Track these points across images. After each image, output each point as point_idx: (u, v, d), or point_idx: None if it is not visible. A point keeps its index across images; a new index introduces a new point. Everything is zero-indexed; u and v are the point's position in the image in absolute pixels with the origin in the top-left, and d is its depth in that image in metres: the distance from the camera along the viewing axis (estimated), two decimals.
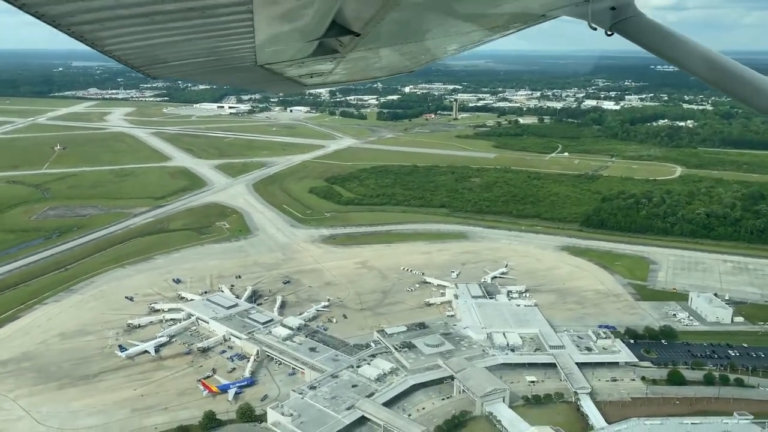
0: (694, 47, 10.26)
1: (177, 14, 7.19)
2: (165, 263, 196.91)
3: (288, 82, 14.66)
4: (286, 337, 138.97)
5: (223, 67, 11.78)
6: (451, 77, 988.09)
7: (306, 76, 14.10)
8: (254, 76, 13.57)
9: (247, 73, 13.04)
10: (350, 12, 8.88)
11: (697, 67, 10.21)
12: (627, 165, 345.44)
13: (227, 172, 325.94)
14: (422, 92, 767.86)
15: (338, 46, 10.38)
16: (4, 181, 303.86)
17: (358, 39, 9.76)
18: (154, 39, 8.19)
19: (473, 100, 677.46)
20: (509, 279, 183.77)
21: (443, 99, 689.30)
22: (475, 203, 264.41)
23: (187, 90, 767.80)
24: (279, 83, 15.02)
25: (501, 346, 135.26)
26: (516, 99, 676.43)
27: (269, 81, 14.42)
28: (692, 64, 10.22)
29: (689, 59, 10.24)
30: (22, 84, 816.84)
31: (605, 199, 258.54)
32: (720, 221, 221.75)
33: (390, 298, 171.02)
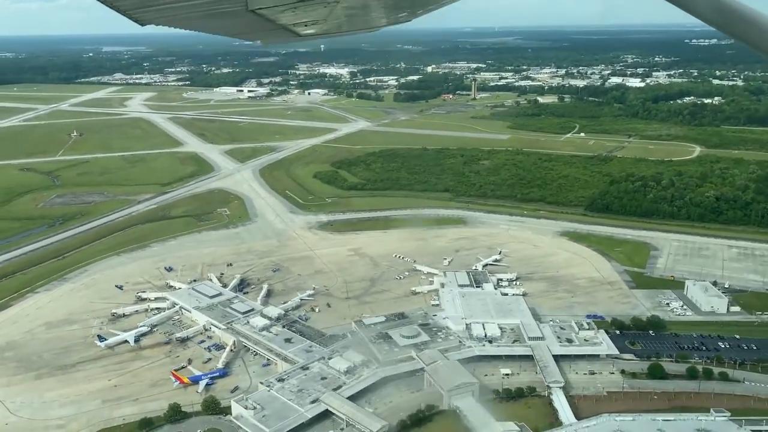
0: None
1: None
2: (160, 251, 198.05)
3: (281, 31, 14.29)
4: (262, 327, 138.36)
5: (214, 11, 11.50)
6: (477, 55, 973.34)
7: (300, 25, 13.78)
8: (246, 23, 13.21)
9: (239, 20, 12.68)
10: None
11: (705, 11, 9.54)
12: (644, 145, 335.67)
13: (236, 158, 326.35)
14: (444, 71, 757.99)
15: None
16: (18, 168, 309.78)
17: None
18: None
19: (495, 79, 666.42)
20: (502, 266, 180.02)
21: (464, 78, 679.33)
22: (480, 187, 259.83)
23: (210, 74, 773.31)
24: (272, 32, 14.65)
25: (479, 337, 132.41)
26: (539, 77, 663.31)
27: (262, 29, 14.05)
28: (698, 8, 9.61)
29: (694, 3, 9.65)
30: (51, 70, 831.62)
31: (613, 182, 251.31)
32: (729, 205, 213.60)
33: (378, 286, 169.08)
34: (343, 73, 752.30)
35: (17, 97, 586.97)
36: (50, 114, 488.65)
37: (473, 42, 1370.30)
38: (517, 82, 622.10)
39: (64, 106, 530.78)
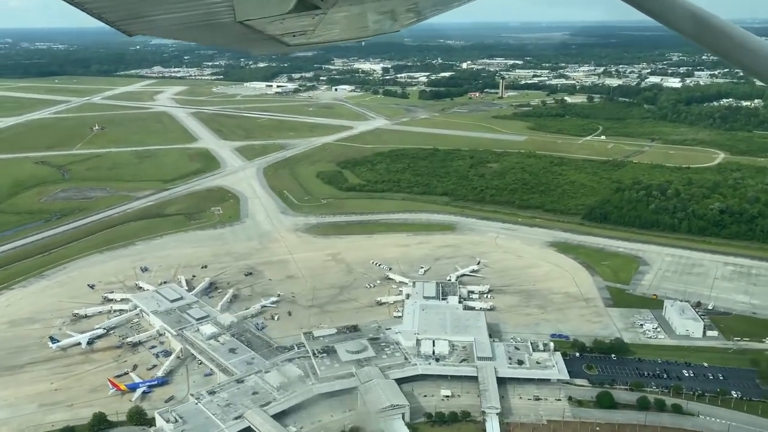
0: (678, 3, 9.82)
1: None
2: (143, 250, 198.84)
3: (270, 41, 14.51)
4: (210, 335, 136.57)
5: (202, 23, 11.80)
6: (517, 51, 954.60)
7: (288, 35, 13.98)
8: (235, 34, 13.38)
9: (227, 31, 12.95)
10: None
11: (681, 23, 9.85)
12: (665, 150, 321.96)
13: (245, 155, 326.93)
14: (479, 68, 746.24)
15: (319, 1, 10.08)
16: (33, 161, 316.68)
17: None
18: None
19: (528, 76, 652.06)
20: (478, 277, 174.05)
21: (497, 76, 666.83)
22: (480, 191, 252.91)
23: (246, 68, 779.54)
24: (260, 42, 14.82)
25: (426, 354, 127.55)
26: (574, 76, 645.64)
27: (250, 39, 14.19)
28: (677, 20, 9.85)
29: (674, 16, 9.85)
30: (95, 63, 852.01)
31: (619, 189, 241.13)
32: (734, 218, 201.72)
33: (345, 294, 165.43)
34: (376, 68, 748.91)
35: (55, 89, 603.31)
36: (81, 107, 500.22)
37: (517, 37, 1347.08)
38: (549, 81, 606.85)
39: (96, 98, 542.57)
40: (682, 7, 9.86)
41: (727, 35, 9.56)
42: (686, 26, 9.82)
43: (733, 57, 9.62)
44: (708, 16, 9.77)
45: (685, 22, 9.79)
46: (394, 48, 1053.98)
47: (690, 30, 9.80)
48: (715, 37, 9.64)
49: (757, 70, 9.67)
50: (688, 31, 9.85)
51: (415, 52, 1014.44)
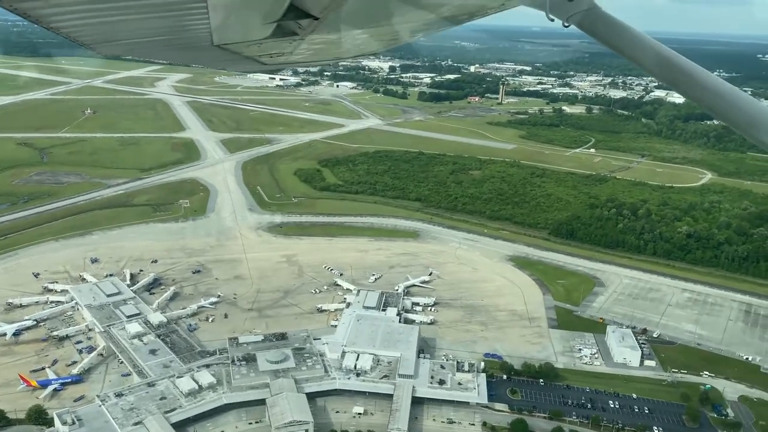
0: (647, 43, 10.33)
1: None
2: (99, 240, 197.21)
3: (247, 61, 14.69)
4: (134, 335, 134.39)
5: (178, 46, 11.84)
6: (528, 57, 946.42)
7: (265, 56, 14.05)
8: (211, 56, 13.56)
9: (203, 53, 13.15)
10: None
11: (649, 63, 10.30)
12: (652, 167, 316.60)
13: (229, 147, 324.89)
14: (486, 72, 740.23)
15: (297, 28, 10.22)
16: (16, 142, 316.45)
17: (317, 22, 9.58)
18: (103, 18, 7.88)
19: (533, 83, 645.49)
20: (427, 288, 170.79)
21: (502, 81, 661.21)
22: (454, 199, 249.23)
23: None
24: (237, 62, 14.98)
25: (348, 368, 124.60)
26: (579, 85, 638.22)
27: (227, 59, 14.30)
28: (645, 59, 10.34)
29: (642, 55, 10.37)
30: None
31: (592, 205, 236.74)
32: (700, 243, 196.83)
33: (289, 299, 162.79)
34: (383, 66, 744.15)
35: (59, 69, 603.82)
36: (79, 89, 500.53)
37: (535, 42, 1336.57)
38: (553, 89, 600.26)
39: (97, 82, 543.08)
40: (650, 47, 10.25)
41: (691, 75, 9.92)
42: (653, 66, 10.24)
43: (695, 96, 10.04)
44: (673, 57, 10.09)
45: (652, 62, 10.21)
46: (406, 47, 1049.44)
47: (656, 69, 10.25)
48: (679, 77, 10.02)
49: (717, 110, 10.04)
50: (653, 69, 10.33)
51: (427, 51, 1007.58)
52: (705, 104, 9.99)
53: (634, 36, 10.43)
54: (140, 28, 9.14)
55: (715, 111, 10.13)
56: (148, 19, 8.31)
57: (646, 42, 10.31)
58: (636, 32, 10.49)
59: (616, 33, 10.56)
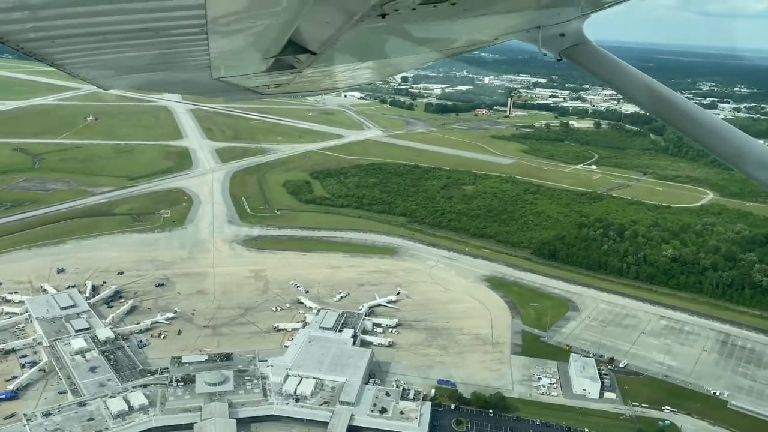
0: (637, 77, 10.59)
1: (131, 34, 7.13)
2: (70, 249, 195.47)
3: (244, 92, 15.18)
4: (78, 350, 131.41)
5: (178, 79, 12.51)
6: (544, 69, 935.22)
7: (263, 87, 14.29)
8: (210, 87, 13.85)
9: (203, 85, 13.83)
10: (307, 32, 8.82)
11: (639, 96, 10.61)
12: (653, 186, 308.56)
13: (222, 156, 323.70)
14: (500, 83, 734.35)
15: (295, 62, 10.34)
16: (11, 147, 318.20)
17: (314, 57, 9.71)
18: (107, 56, 8.23)
19: (546, 96, 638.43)
20: (393, 309, 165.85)
21: (514, 93, 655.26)
22: (440, 215, 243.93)
23: None
24: (235, 93, 15.55)
25: (288, 393, 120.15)
26: (592, 99, 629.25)
27: (225, 90, 14.74)
28: (635, 93, 10.65)
29: (632, 88, 10.65)
30: None
31: (581, 225, 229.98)
32: (685, 268, 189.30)
33: (248, 316, 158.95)
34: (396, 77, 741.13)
35: None
36: (88, 95, 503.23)
37: None
38: (564, 102, 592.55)
39: None
40: (640, 80, 10.48)
41: (680, 109, 10.16)
42: (643, 99, 10.50)
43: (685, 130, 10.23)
44: (663, 90, 10.34)
45: (642, 95, 10.46)
46: None
47: (647, 102, 10.48)
48: (668, 110, 10.26)
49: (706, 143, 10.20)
50: (643, 102, 10.59)
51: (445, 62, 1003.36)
52: (694, 137, 10.22)
53: (624, 70, 10.68)
54: (143, 66, 9.48)
55: (704, 144, 10.25)
56: (149, 55, 8.48)
57: (636, 76, 10.56)
58: (626, 66, 10.75)
59: (607, 67, 10.85)
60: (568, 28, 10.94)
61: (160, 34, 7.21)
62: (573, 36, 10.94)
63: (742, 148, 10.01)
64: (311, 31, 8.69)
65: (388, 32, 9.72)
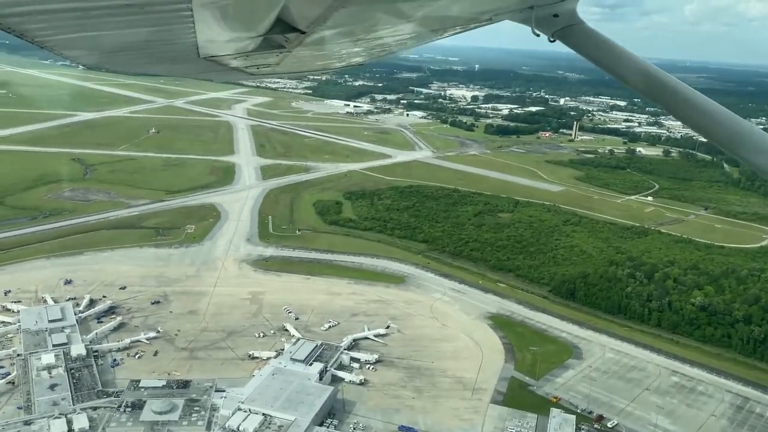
0: (632, 59, 10.54)
1: (113, 10, 7.01)
2: (86, 261, 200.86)
3: (233, 72, 14.93)
4: (45, 366, 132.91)
5: (164, 59, 12.19)
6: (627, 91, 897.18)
7: (252, 67, 14.31)
8: (197, 67, 13.75)
9: (189, 64, 13.37)
10: (296, 10, 8.73)
11: (633, 78, 10.52)
12: (711, 222, 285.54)
13: (265, 173, 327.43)
14: (574, 105, 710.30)
15: (284, 41, 10.29)
16: (71, 157, 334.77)
17: (303, 36, 9.69)
18: (88, 33, 8.12)
19: (620, 119, 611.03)
20: (379, 343, 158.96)
21: (587, 115, 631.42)
22: (464, 243, 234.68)
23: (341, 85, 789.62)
24: (224, 73, 15.27)
25: (231, 428, 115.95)
26: (670, 124, 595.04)
27: (213, 71, 14.54)
28: (629, 75, 10.57)
29: (626, 71, 10.57)
30: None
31: (613, 263, 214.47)
32: (713, 318, 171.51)
33: (229, 341, 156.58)
34: (466, 95, 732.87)
35: (153, 88, 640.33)
36: (159, 108, 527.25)
37: None
38: (639, 127, 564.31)
39: (179, 102, 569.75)
40: (634, 63, 10.45)
41: (675, 92, 10.07)
42: (638, 82, 10.43)
43: (680, 114, 10.30)
44: (658, 73, 10.26)
45: (637, 78, 10.41)
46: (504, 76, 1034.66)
47: (641, 85, 10.42)
48: (663, 93, 10.19)
49: (701, 127, 10.13)
50: (639, 86, 10.48)
51: (523, 82, 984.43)
52: (689, 121, 10.25)
53: (619, 52, 10.61)
54: (126, 43, 9.28)
55: (699, 128, 10.19)
56: (133, 32, 8.34)
57: (631, 58, 10.49)
58: (621, 49, 10.69)
59: (601, 49, 10.78)
60: (562, 8, 10.96)
61: (144, 10, 7.07)
62: (566, 17, 10.98)
63: (737, 133, 9.94)
64: (300, 9, 8.67)
65: (379, 11, 9.66)
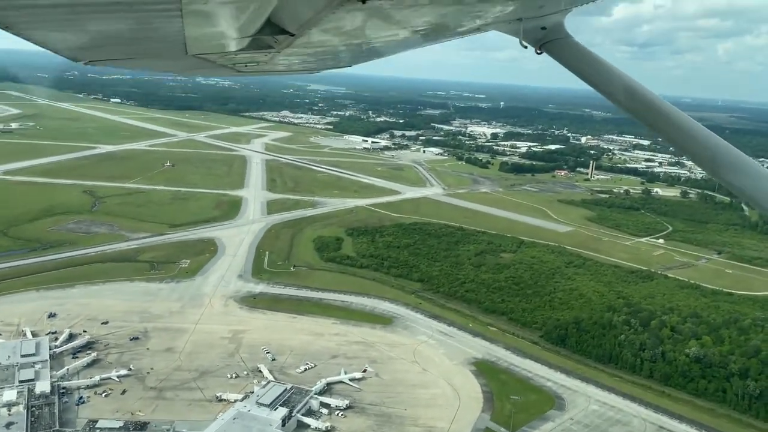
0: (616, 75, 10.64)
1: (101, 6, 7.11)
2: (75, 294, 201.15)
3: (221, 69, 15.15)
4: (5, 403, 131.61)
5: (151, 55, 12.30)
6: None
7: (240, 65, 14.51)
8: (185, 64, 14.14)
9: (177, 61, 13.63)
10: (286, 13, 8.78)
11: (617, 94, 10.60)
12: (722, 267, 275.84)
13: (271, 208, 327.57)
14: (595, 143, 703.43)
15: (273, 42, 10.42)
16: (82, 189, 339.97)
17: (293, 38, 9.70)
18: (75, 27, 8.15)
19: (640, 159, 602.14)
20: (354, 388, 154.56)
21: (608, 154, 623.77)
22: (460, 284, 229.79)
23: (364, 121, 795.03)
24: (211, 69, 15.45)
25: None
26: (692, 165, 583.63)
27: (201, 67, 14.85)
28: (613, 91, 10.64)
29: (611, 86, 10.66)
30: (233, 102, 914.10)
31: (611, 308, 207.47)
32: (707, 371, 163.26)
33: (200, 381, 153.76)
34: (486, 132, 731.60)
35: (176, 122, 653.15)
36: (179, 142, 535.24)
37: None
38: (659, 167, 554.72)
39: (200, 136, 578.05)
40: (619, 79, 10.51)
41: (659, 111, 10.14)
42: (622, 98, 10.49)
43: (660, 130, 10.28)
44: (643, 91, 10.33)
45: (621, 94, 10.46)
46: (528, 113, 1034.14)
47: (625, 102, 10.48)
48: (647, 111, 10.25)
49: (680, 144, 10.29)
50: (620, 101, 10.56)
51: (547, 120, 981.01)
52: (669, 138, 10.25)
53: (604, 67, 10.71)
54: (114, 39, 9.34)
55: (678, 145, 10.32)
56: (120, 28, 8.36)
57: (616, 74, 10.55)
58: (607, 64, 10.80)
59: (587, 63, 10.91)
60: (550, 21, 11.10)
61: (133, 8, 7.12)
62: (554, 30, 11.13)
63: (716, 152, 10.04)
64: (290, 12, 8.65)
65: (369, 16, 9.68)
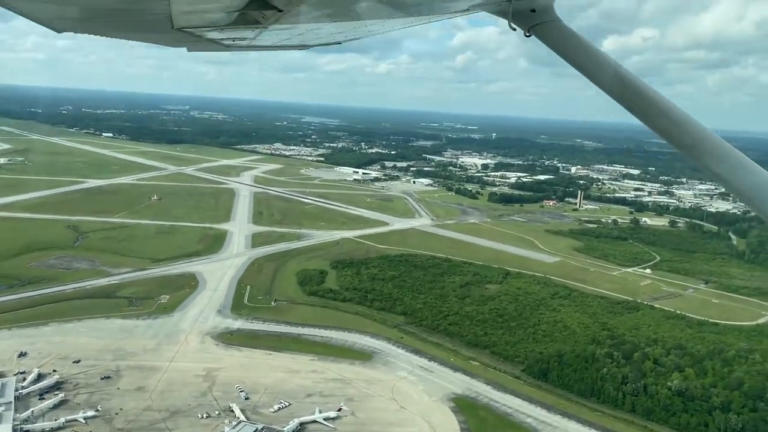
0: (605, 60, 10.57)
1: None
2: (47, 332, 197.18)
3: (207, 43, 14.84)
4: None
5: (137, 27, 12.28)
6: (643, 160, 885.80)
7: (227, 40, 14.22)
8: (171, 37, 13.60)
9: (163, 34, 13.38)
10: None
11: (605, 80, 10.53)
12: (709, 297, 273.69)
13: (256, 241, 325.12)
14: (584, 173, 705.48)
15: (260, 17, 10.19)
16: (66, 224, 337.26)
17: (281, 14, 9.55)
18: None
19: (629, 189, 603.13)
20: (328, 427, 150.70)
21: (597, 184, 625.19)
22: (443, 317, 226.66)
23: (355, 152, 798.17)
24: (198, 44, 15.19)
25: None
26: (682, 194, 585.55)
27: (187, 41, 14.43)
28: (601, 76, 10.57)
29: (599, 72, 10.59)
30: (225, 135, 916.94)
31: (595, 341, 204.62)
32: (690, 405, 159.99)
33: (169, 422, 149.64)
34: (477, 163, 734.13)
35: (166, 155, 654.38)
36: (167, 176, 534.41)
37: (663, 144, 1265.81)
38: (648, 197, 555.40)
39: (189, 169, 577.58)
40: (609, 65, 10.48)
41: (648, 98, 10.15)
42: (610, 84, 10.42)
43: (646, 117, 10.25)
44: (632, 78, 10.29)
45: (610, 80, 10.41)
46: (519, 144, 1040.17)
47: (613, 89, 10.38)
48: (635, 98, 10.22)
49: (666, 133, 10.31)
50: (607, 87, 10.47)
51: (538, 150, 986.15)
52: (655, 126, 10.25)
53: (593, 52, 10.58)
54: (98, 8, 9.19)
55: (664, 134, 10.34)
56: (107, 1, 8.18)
57: (604, 59, 10.50)
58: (595, 49, 10.69)
59: (576, 48, 10.75)
60: (539, 3, 10.94)
61: None
62: (544, 13, 10.96)
63: (699, 140, 10.05)
64: None
65: None
